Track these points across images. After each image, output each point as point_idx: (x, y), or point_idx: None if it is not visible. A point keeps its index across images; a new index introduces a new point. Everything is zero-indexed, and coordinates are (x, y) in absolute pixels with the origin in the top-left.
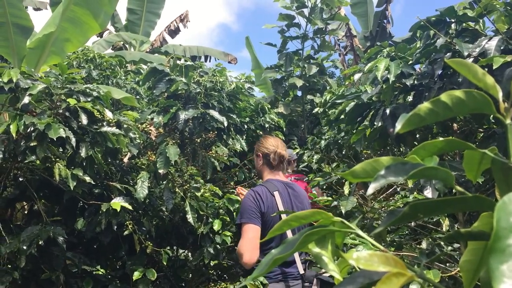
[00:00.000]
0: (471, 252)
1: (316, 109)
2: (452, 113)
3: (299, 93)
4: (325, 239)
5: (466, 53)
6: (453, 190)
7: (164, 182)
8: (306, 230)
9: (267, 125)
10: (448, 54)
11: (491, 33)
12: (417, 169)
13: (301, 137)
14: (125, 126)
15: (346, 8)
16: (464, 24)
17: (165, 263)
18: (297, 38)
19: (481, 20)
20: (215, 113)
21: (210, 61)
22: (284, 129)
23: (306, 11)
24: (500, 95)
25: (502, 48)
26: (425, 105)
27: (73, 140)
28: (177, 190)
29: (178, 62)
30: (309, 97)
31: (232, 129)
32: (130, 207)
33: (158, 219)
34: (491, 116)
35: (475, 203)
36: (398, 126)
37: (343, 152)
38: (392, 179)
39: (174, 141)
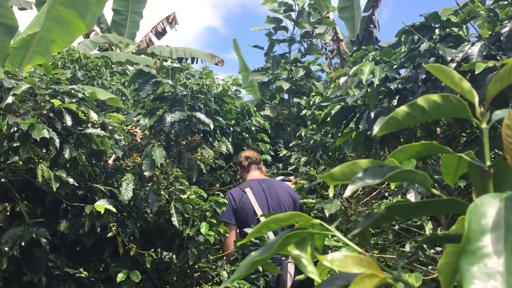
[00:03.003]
0: (448, 255)
1: (303, 111)
2: (429, 116)
3: (286, 96)
4: (305, 242)
5: (449, 58)
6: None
7: (149, 185)
8: (286, 232)
9: (252, 128)
10: (431, 59)
11: (475, 38)
12: (393, 172)
13: (287, 140)
14: (110, 127)
15: (333, 12)
16: (448, 29)
17: (148, 266)
18: (284, 41)
19: (464, 26)
20: (201, 116)
21: (197, 63)
22: (270, 131)
23: (293, 15)
24: (476, 99)
25: (484, 53)
26: (403, 109)
27: (57, 141)
28: (162, 192)
29: (164, 64)
30: (295, 100)
31: (218, 131)
32: (114, 210)
33: (143, 221)
34: None
35: (450, 206)
36: (376, 129)
37: (329, 155)
38: (370, 181)
39: (160, 144)
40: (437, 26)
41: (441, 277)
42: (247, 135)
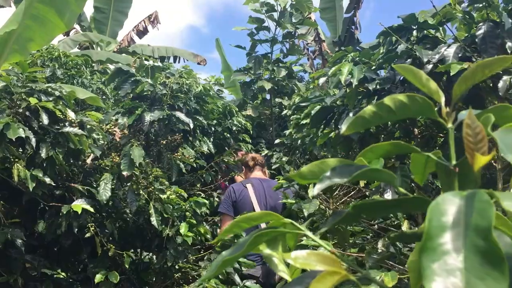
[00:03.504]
0: (417, 252)
1: (284, 112)
2: (396, 116)
3: (268, 96)
4: (276, 241)
5: (425, 60)
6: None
7: (128, 184)
8: (257, 231)
9: (234, 128)
10: (408, 60)
11: (452, 40)
12: (360, 171)
13: (269, 140)
14: (88, 126)
15: (316, 13)
16: (425, 31)
17: (127, 266)
18: (266, 41)
19: (441, 28)
20: (181, 115)
21: (179, 62)
22: (252, 132)
23: (275, 15)
24: (442, 100)
25: (460, 55)
26: (369, 108)
27: (33, 140)
28: (141, 192)
29: (145, 62)
30: (277, 100)
31: (198, 131)
32: (92, 209)
33: (122, 221)
34: None
35: (416, 204)
36: (344, 128)
37: (310, 155)
38: (337, 180)
39: (139, 143)
40: (414, 28)
41: (411, 274)
42: (228, 135)
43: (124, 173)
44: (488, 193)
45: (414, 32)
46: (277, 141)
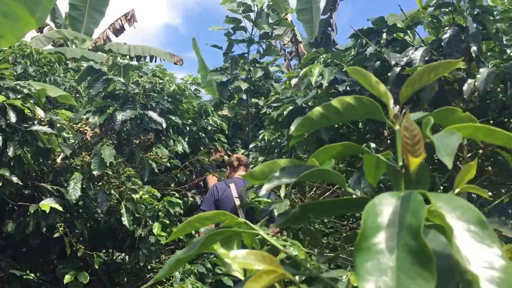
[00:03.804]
0: None
1: (262, 111)
2: (343, 117)
3: (244, 96)
4: (231, 240)
5: (393, 62)
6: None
7: (99, 184)
8: (210, 230)
9: (209, 128)
10: (377, 62)
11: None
12: (308, 171)
13: (245, 140)
14: (58, 125)
15: (292, 14)
16: (395, 34)
17: (97, 267)
18: (243, 42)
19: (409, 31)
20: (153, 114)
21: (155, 62)
22: (227, 132)
23: (252, 15)
24: (391, 102)
25: (426, 58)
26: (317, 109)
27: (0, 139)
28: (112, 192)
29: (121, 61)
30: (254, 100)
31: (171, 130)
32: (60, 209)
33: (93, 221)
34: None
35: (359, 204)
36: (292, 129)
37: (285, 155)
38: (286, 180)
39: (111, 142)
40: (384, 31)
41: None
42: (203, 134)
43: (95, 172)
44: (422, 194)
45: (384, 35)
46: (252, 145)
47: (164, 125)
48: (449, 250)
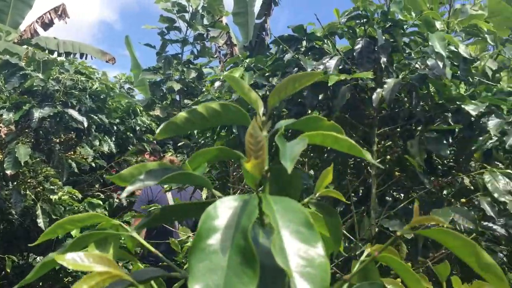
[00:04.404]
0: None
1: None
2: (209, 123)
3: (178, 97)
4: (107, 242)
5: (309, 69)
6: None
7: (14, 184)
8: (85, 232)
9: (138, 128)
10: (296, 69)
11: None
12: (170, 174)
13: (176, 141)
14: None
15: (229, 17)
16: (314, 42)
17: (8, 270)
18: (177, 42)
19: (326, 40)
20: (74, 113)
21: (86, 59)
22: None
23: (187, 16)
24: (260, 110)
25: (340, 67)
26: (182, 114)
27: None
28: (28, 192)
29: (40, 56)
30: (186, 101)
31: (93, 129)
32: None
33: (6, 222)
34: None
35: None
36: (157, 132)
37: None
38: (150, 183)
39: (27, 140)
40: (303, 38)
41: None
42: (131, 134)
43: (8, 172)
44: (260, 197)
45: (304, 43)
46: (180, 143)
47: (86, 124)
48: None
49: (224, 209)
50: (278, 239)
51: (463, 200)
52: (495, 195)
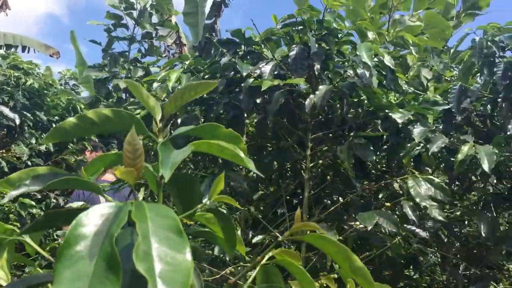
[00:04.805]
0: None
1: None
2: (100, 129)
3: (124, 96)
4: (2, 247)
5: (245, 73)
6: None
7: None
8: None
9: None
10: (232, 72)
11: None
12: (56, 180)
13: (121, 140)
14: None
15: (179, 17)
16: (253, 47)
17: None
18: (124, 39)
19: (263, 45)
20: (5, 109)
21: (28, 53)
22: None
23: (135, 13)
24: (158, 116)
25: (276, 72)
26: (71, 120)
27: None
28: None
29: None
30: (132, 100)
31: (26, 128)
32: None
33: None
34: None
35: None
36: (44, 137)
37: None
38: (34, 188)
39: None
40: (242, 43)
41: None
42: None
43: None
44: (135, 204)
45: (243, 47)
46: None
47: (18, 122)
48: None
49: (96, 216)
50: (146, 245)
51: (387, 204)
52: (417, 199)
